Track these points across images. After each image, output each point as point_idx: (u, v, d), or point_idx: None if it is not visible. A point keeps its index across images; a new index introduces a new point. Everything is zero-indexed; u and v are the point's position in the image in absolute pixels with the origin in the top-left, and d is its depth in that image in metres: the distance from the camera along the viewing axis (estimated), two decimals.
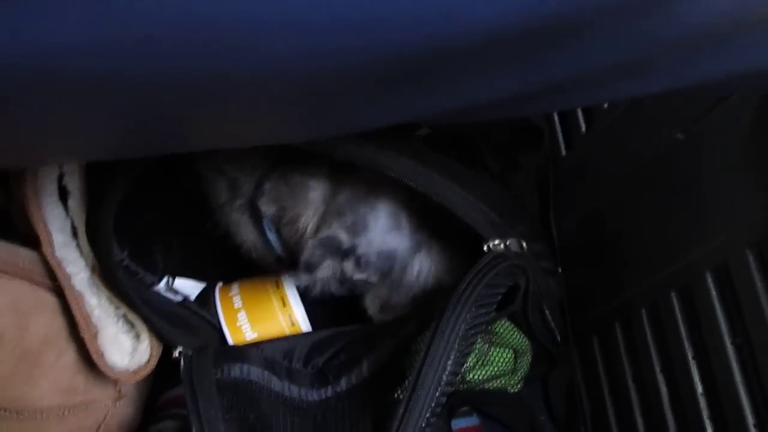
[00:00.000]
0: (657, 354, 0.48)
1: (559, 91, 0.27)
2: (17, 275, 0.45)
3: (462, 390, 0.52)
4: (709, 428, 0.42)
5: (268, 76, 0.21)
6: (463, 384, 0.51)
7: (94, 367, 0.47)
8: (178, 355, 0.48)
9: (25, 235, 0.48)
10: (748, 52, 0.26)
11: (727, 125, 0.41)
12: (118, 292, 0.47)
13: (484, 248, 0.43)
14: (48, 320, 0.46)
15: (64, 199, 0.47)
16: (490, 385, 0.53)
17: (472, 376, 0.51)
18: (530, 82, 0.25)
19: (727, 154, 0.41)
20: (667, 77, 0.27)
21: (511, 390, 0.55)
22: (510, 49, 0.22)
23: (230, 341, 0.53)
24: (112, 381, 0.49)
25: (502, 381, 0.54)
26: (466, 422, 0.56)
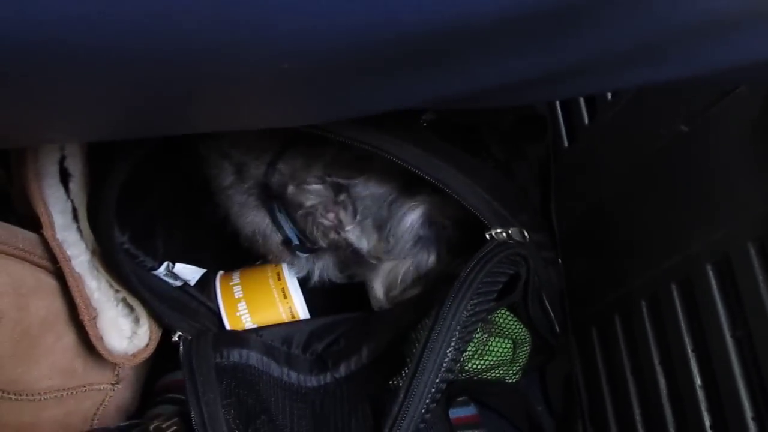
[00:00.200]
0: (656, 346, 0.48)
1: (566, 76, 0.26)
2: (17, 256, 0.45)
3: (460, 379, 0.52)
4: (707, 421, 0.42)
5: (279, 54, 0.21)
6: (462, 373, 0.51)
7: (93, 350, 0.47)
8: (177, 339, 0.48)
9: (25, 217, 0.48)
10: (755, 43, 0.26)
11: (731, 118, 0.41)
12: (118, 275, 0.47)
13: (487, 236, 0.43)
14: (47, 302, 0.46)
15: (65, 181, 0.47)
16: (489, 375, 0.53)
17: (470, 365, 0.51)
18: (538, 66, 0.25)
19: (730, 147, 0.41)
20: (675, 66, 0.27)
21: (509, 380, 0.55)
22: (519, 32, 0.22)
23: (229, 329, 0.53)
24: (111, 364, 0.49)
25: (501, 371, 0.54)
26: (463, 412, 0.56)
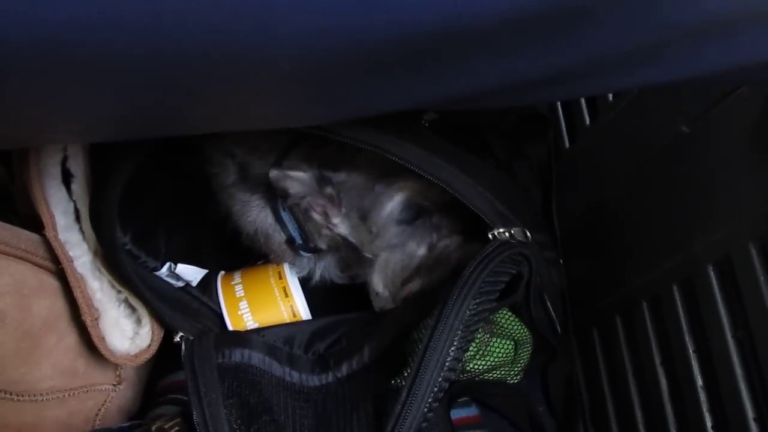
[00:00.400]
0: (657, 347, 0.48)
1: (567, 77, 0.27)
2: (19, 257, 0.45)
3: (462, 380, 0.52)
4: (708, 421, 0.42)
5: (279, 55, 0.21)
6: (463, 374, 0.51)
7: (95, 351, 0.47)
8: (179, 339, 0.48)
9: (27, 217, 0.48)
10: (756, 43, 0.26)
11: (732, 119, 0.41)
12: (120, 276, 0.47)
13: (489, 236, 0.43)
14: (50, 303, 0.46)
15: (67, 182, 0.47)
16: (490, 375, 0.53)
17: (472, 366, 0.51)
18: (540, 67, 0.25)
19: (731, 147, 0.41)
20: (676, 66, 0.27)
21: (510, 381, 0.55)
22: (521, 33, 0.22)
23: (231, 329, 0.53)
24: (113, 365, 0.49)
25: (502, 372, 0.54)
26: (465, 412, 0.56)
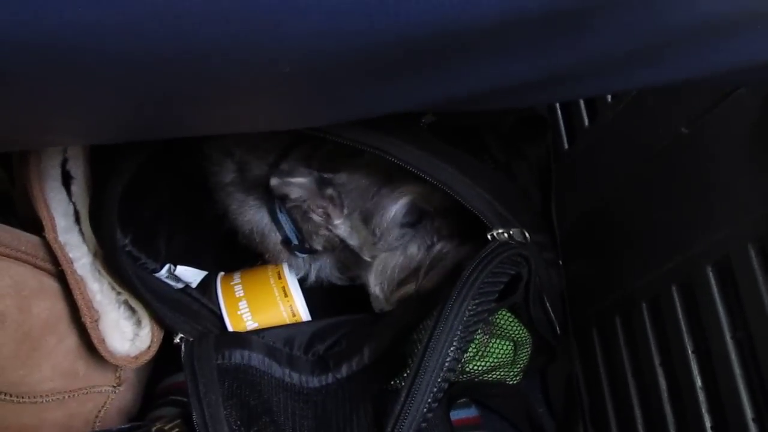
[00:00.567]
0: (657, 347, 0.48)
1: (567, 79, 0.27)
2: (19, 259, 0.45)
3: (461, 381, 0.52)
4: (707, 422, 0.42)
5: (280, 57, 0.21)
6: (463, 375, 0.51)
7: (95, 353, 0.47)
8: (179, 340, 0.48)
9: (27, 219, 0.48)
10: (755, 44, 0.26)
11: (731, 120, 0.41)
12: (119, 277, 0.47)
13: (488, 237, 0.44)
14: (50, 304, 0.46)
15: (67, 184, 0.47)
16: (490, 376, 0.53)
17: (471, 366, 0.51)
18: (539, 69, 0.25)
19: (731, 148, 0.41)
20: (675, 67, 0.27)
21: (510, 382, 0.55)
22: (522, 34, 0.22)
23: (231, 329, 0.53)
24: (113, 366, 0.50)
25: (502, 372, 0.54)
26: (464, 413, 0.56)
